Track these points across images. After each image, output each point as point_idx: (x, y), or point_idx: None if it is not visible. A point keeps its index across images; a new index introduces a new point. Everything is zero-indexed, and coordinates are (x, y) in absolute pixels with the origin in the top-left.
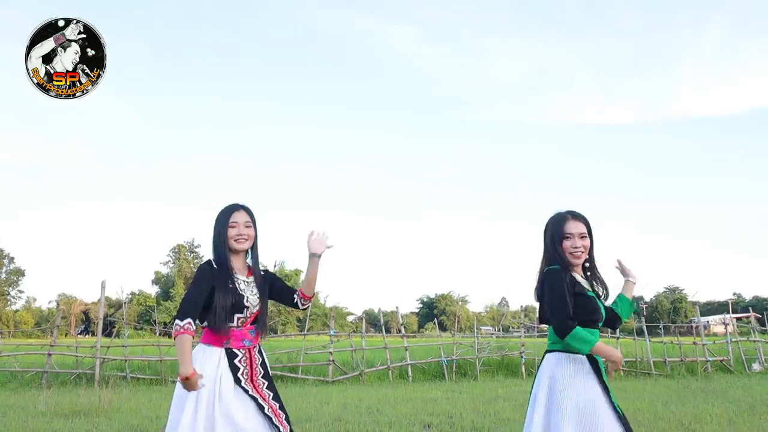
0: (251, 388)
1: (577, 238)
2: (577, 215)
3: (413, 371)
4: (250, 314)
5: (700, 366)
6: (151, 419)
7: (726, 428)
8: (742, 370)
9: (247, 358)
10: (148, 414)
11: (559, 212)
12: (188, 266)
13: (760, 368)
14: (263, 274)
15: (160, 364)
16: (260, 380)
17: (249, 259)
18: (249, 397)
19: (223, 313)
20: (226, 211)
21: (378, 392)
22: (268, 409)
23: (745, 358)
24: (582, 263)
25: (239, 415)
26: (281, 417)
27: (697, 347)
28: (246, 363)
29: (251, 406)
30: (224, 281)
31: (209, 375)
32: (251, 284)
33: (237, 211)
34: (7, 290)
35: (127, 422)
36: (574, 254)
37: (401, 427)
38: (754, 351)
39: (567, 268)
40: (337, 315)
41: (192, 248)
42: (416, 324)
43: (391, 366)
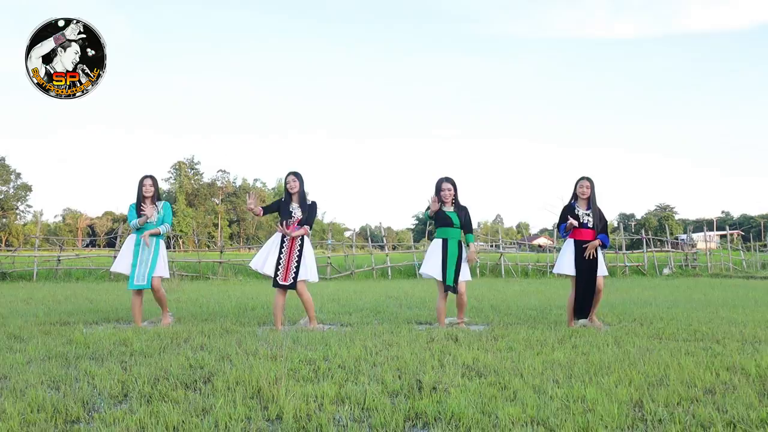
0: (287, 251)
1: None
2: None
3: (393, 272)
4: (295, 220)
5: (620, 270)
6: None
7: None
8: (654, 273)
9: (289, 240)
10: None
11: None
12: (188, 182)
13: (669, 272)
14: (307, 203)
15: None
16: (295, 253)
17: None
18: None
19: (283, 217)
20: (286, 175)
21: (363, 284)
22: (284, 266)
23: (657, 263)
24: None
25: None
26: (290, 274)
27: (618, 255)
28: (288, 242)
29: (277, 258)
30: (285, 205)
31: (276, 239)
32: (297, 207)
33: (289, 175)
34: (15, 205)
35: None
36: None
37: (374, 298)
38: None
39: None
40: (334, 230)
41: (192, 165)
42: (411, 239)
43: (375, 267)
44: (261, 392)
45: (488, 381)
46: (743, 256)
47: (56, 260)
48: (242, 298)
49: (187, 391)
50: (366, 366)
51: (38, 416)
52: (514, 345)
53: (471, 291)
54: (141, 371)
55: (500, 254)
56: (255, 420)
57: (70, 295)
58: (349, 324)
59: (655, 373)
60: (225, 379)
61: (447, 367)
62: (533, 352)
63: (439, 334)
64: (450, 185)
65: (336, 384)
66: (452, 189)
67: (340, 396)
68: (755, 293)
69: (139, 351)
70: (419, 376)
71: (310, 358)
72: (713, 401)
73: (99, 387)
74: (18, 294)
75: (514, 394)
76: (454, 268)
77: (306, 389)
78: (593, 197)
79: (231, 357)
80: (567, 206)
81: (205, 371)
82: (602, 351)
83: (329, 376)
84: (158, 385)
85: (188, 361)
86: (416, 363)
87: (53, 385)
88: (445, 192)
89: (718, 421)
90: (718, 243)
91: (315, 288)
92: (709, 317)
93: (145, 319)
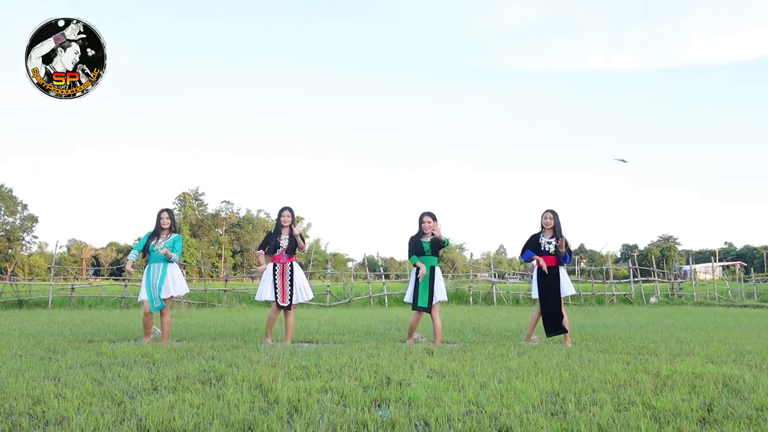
0: (279, 278)
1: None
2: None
3: (389, 300)
4: (282, 250)
5: (608, 299)
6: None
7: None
8: (641, 302)
9: (280, 266)
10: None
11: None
12: (193, 213)
13: (656, 301)
14: (295, 236)
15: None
16: (287, 277)
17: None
18: (273, 281)
19: (271, 248)
20: (281, 210)
21: (360, 311)
22: (280, 290)
23: (644, 293)
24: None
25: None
26: (285, 295)
27: (606, 285)
28: (280, 269)
29: (274, 284)
30: (275, 237)
31: (269, 270)
32: (286, 238)
33: (285, 210)
34: (21, 236)
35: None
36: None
37: (367, 322)
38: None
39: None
40: (337, 261)
41: (197, 196)
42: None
43: (372, 295)
44: (262, 386)
45: (446, 380)
46: (728, 285)
47: (70, 288)
48: (246, 322)
49: (204, 386)
50: (349, 370)
51: (92, 399)
52: (477, 356)
53: (460, 316)
54: (166, 372)
55: (492, 283)
56: (258, 402)
57: (87, 320)
58: (341, 342)
59: (582, 375)
60: (234, 378)
61: (415, 370)
62: (492, 361)
63: (417, 349)
64: (430, 218)
65: (323, 381)
66: (431, 222)
67: (325, 388)
68: (722, 318)
69: (160, 360)
70: (390, 375)
71: (304, 365)
72: (617, 393)
73: (133, 383)
74: (38, 319)
75: (462, 387)
76: (427, 291)
77: (298, 384)
78: (558, 226)
79: (238, 364)
80: (533, 236)
81: (217, 372)
82: (549, 359)
83: (318, 376)
84: (181, 381)
85: (203, 366)
86: (390, 367)
87: (96, 383)
88: (426, 224)
89: (608, 402)
90: (721, 274)
91: (314, 313)
92: (662, 337)
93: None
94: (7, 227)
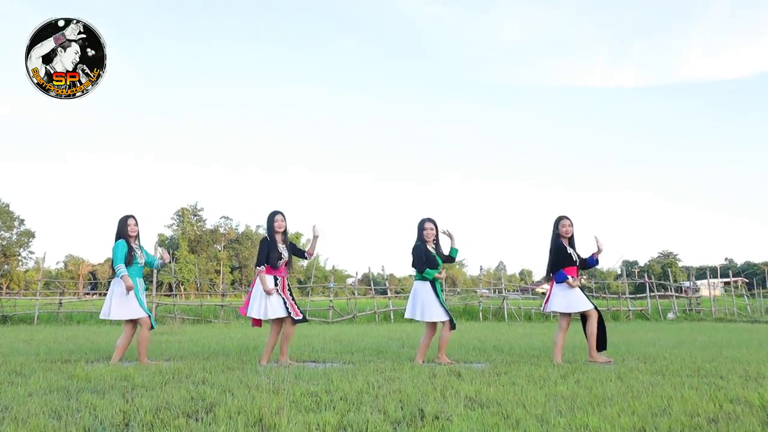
0: (282, 292)
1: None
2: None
3: (395, 315)
4: (284, 261)
5: (623, 315)
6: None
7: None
8: (658, 318)
9: (281, 280)
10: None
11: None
12: (192, 229)
13: (674, 317)
14: (289, 243)
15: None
16: (287, 291)
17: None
18: (280, 296)
19: (273, 260)
20: (273, 214)
21: (366, 327)
22: (288, 304)
23: (661, 308)
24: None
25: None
26: (296, 308)
27: (621, 300)
28: (281, 283)
29: (282, 299)
30: (274, 246)
31: (269, 284)
32: (284, 247)
33: (278, 214)
34: (18, 251)
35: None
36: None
37: (376, 339)
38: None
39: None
40: (337, 277)
41: (195, 212)
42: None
43: (377, 311)
44: (263, 421)
45: (491, 411)
46: (747, 301)
47: (58, 303)
48: (243, 339)
49: (189, 420)
50: (368, 398)
51: None
52: (516, 380)
53: (474, 333)
54: (143, 402)
55: (503, 298)
56: None
57: (71, 336)
58: (351, 362)
59: (658, 405)
60: (227, 409)
61: (449, 399)
62: (536, 386)
63: (442, 371)
64: (432, 225)
65: (338, 413)
66: (434, 228)
67: (342, 424)
68: (759, 335)
69: (140, 385)
70: (422, 406)
71: (313, 391)
72: (716, 429)
73: (101, 416)
74: (19, 335)
75: (517, 422)
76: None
77: (308, 418)
78: (572, 234)
79: (233, 390)
80: (560, 247)
81: (206, 402)
82: (605, 385)
83: (331, 406)
84: (160, 415)
85: (190, 394)
86: (418, 395)
87: (55, 415)
88: (428, 231)
89: None
90: (723, 290)
91: (316, 329)
92: (713, 356)
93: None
94: (4, 243)
